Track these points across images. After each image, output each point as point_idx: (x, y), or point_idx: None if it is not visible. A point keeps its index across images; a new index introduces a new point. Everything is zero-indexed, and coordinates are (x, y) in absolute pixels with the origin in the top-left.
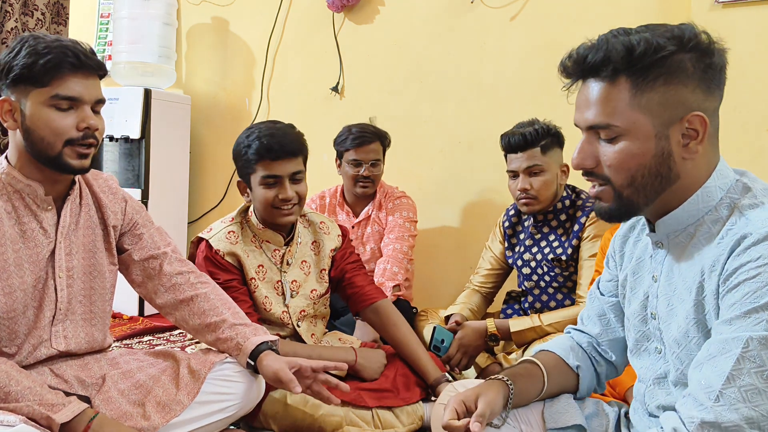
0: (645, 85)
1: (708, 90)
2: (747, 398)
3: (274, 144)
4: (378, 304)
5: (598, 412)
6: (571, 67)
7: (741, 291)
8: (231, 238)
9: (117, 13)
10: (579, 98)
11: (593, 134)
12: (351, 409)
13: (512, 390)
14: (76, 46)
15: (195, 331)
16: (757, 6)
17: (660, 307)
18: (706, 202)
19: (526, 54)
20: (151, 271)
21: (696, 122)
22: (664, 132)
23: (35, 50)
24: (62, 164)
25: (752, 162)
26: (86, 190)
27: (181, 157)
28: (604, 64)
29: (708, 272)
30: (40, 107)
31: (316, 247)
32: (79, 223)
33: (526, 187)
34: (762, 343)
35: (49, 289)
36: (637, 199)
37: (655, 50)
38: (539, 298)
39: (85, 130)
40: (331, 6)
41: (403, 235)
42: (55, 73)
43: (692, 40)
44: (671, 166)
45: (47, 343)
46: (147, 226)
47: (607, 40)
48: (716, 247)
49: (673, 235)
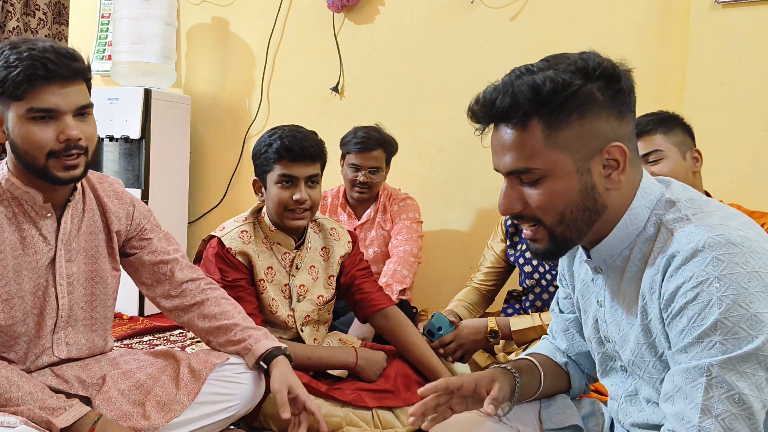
0: (558, 123)
1: (620, 115)
2: (726, 426)
3: (296, 145)
4: (387, 311)
5: (595, 412)
6: (480, 113)
7: (686, 316)
8: (243, 238)
9: (117, 13)
10: (493, 143)
11: (515, 179)
12: (351, 410)
13: (519, 382)
14: (46, 54)
15: (204, 332)
16: (757, 6)
17: (611, 332)
18: (634, 224)
19: (526, 54)
20: (162, 275)
21: (615, 152)
22: (585, 166)
23: (7, 62)
24: (50, 176)
25: (752, 162)
26: (90, 195)
27: (181, 157)
28: (513, 110)
29: (648, 295)
30: (19, 121)
31: (326, 253)
32: (81, 228)
33: None
34: (723, 367)
35: (50, 297)
36: (570, 234)
37: (563, 87)
38: (540, 296)
39: (66, 141)
40: (331, 6)
41: (411, 236)
42: (27, 87)
43: (597, 69)
44: (596, 198)
45: (49, 351)
46: (155, 231)
47: (512, 83)
48: (651, 268)
49: (610, 260)
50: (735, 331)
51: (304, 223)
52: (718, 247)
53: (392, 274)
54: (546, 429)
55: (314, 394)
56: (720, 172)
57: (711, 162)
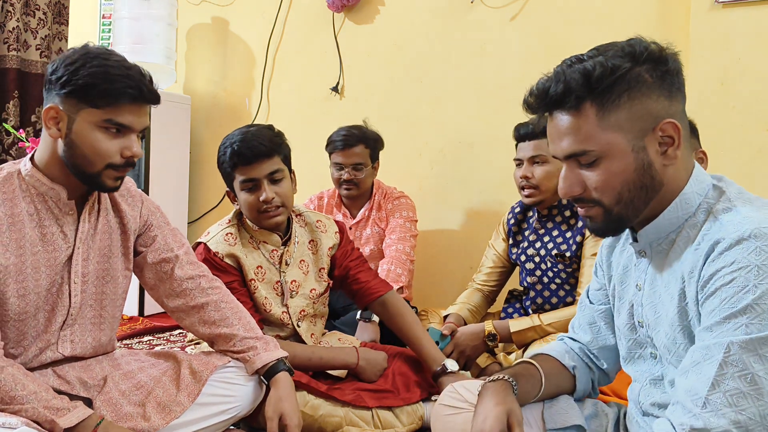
0: (610, 105)
1: (670, 96)
2: (733, 402)
3: (245, 148)
4: (385, 297)
5: (598, 413)
6: (535, 103)
7: (719, 297)
8: (229, 240)
9: (117, 13)
10: (550, 131)
11: (573, 162)
12: (351, 410)
13: (516, 390)
14: (140, 77)
15: (206, 338)
16: (757, 6)
17: (647, 315)
18: (685, 209)
19: (526, 54)
20: (163, 274)
21: (669, 129)
22: (639, 144)
23: (100, 73)
24: (99, 183)
25: (752, 162)
26: (105, 195)
27: (181, 157)
28: (566, 95)
29: (687, 278)
30: (90, 126)
31: (314, 246)
32: (97, 227)
33: (527, 174)
34: (743, 347)
35: (63, 294)
36: (626, 213)
37: (612, 71)
38: (541, 293)
39: (129, 158)
40: (331, 6)
41: (405, 235)
42: (113, 101)
43: (644, 52)
44: (653, 175)
45: (53, 347)
46: (161, 227)
47: (563, 71)
48: (693, 253)
49: (656, 244)
50: (764, 317)
51: (282, 219)
52: (764, 238)
53: (386, 274)
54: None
55: (314, 394)
56: (720, 171)
57: (711, 161)
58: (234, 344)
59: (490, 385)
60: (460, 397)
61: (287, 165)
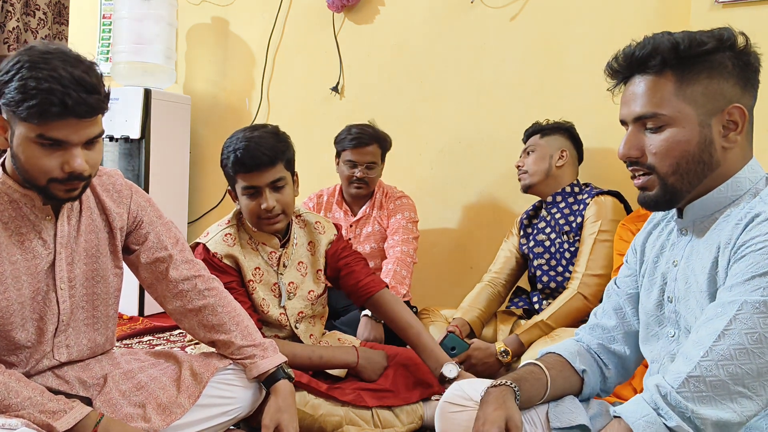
0: (690, 77)
1: (745, 87)
2: (735, 356)
3: (247, 157)
4: (377, 296)
5: (602, 413)
6: (619, 65)
7: (746, 261)
8: (228, 241)
9: (117, 13)
10: (626, 95)
11: (640, 125)
12: (351, 409)
13: (518, 395)
14: (66, 89)
15: (205, 342)
16: (757, 6)
17: (678, 289)
18: (734, 191)
19: (526, 54)
20: (159, 274)
21: (736, 114)
22: (707, 121)
23: (24, 87)
24: (49, 195)
25: None
26: (88, 193)
27: (181, 157)
28: (653, 56)
29: (723, 248)
30: (26, 141)
31: (312, 248)
32: (80, 229)
33: (519, 164)
34: (756, 307)
35: (50, 302)
36: (680, 186)
37: (698, 45)
38: (548, 273)
39: (70, 173)
40: (331, 6)
41: (407, 237)
42: (39, 118)
43: (731, 39)
44: (712, 153)
45: (50, 355)
46: (153, 223)
47: (653, 37)
48: (733, 225)
49: (699, 221)
50: None
51: (281, 226)
52: None
53: (392, 275)
54: (553, 428)
55: (314, 394)
56: None
57: None
58: (232, 352)
59: (492, 391)
60: (465, 395)
61: (290, 169)
